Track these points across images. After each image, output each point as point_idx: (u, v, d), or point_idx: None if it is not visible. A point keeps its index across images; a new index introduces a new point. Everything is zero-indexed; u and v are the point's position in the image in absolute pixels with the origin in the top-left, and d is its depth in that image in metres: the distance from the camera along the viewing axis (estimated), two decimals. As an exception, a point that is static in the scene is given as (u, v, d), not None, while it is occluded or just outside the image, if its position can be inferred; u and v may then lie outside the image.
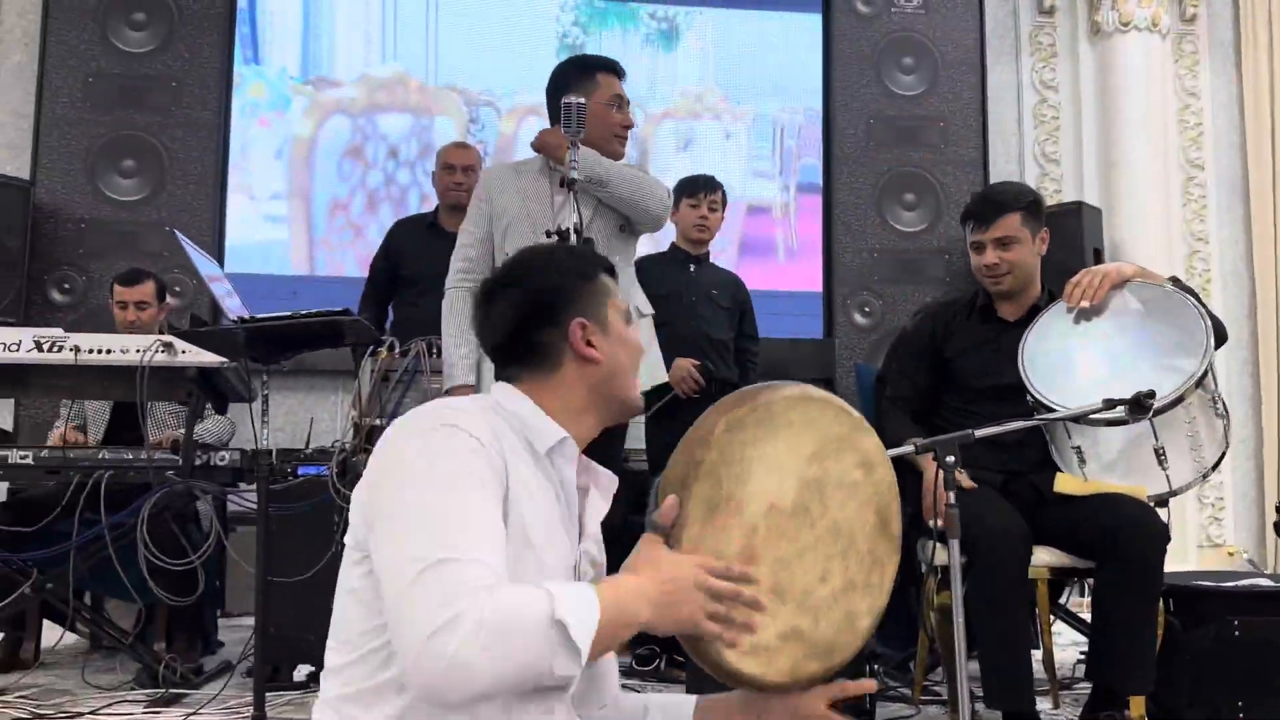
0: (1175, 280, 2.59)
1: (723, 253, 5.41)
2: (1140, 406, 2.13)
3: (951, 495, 2.06)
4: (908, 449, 2.05)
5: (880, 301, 5.52)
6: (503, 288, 1.33)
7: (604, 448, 2.17)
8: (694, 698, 1.35)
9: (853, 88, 5.65)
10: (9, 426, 4.81)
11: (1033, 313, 2.69)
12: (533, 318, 1.29)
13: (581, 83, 2.72)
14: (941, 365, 2.78)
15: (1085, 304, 2.48)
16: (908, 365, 2.87)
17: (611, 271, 1.38)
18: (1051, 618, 3.22)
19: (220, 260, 5.31)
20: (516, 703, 1.06)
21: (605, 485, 1.31)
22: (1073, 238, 5.09)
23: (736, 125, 5.71)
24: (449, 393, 2.68)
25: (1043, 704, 2.93)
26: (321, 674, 1.22)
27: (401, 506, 1.07)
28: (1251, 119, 5.84)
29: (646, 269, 3.43)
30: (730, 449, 1.14)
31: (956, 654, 2.06)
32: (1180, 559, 5.37)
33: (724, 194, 3.64)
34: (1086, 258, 5.08)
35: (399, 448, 1.14)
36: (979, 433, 2.08)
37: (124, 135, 5.22)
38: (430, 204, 4.35)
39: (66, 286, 5.12)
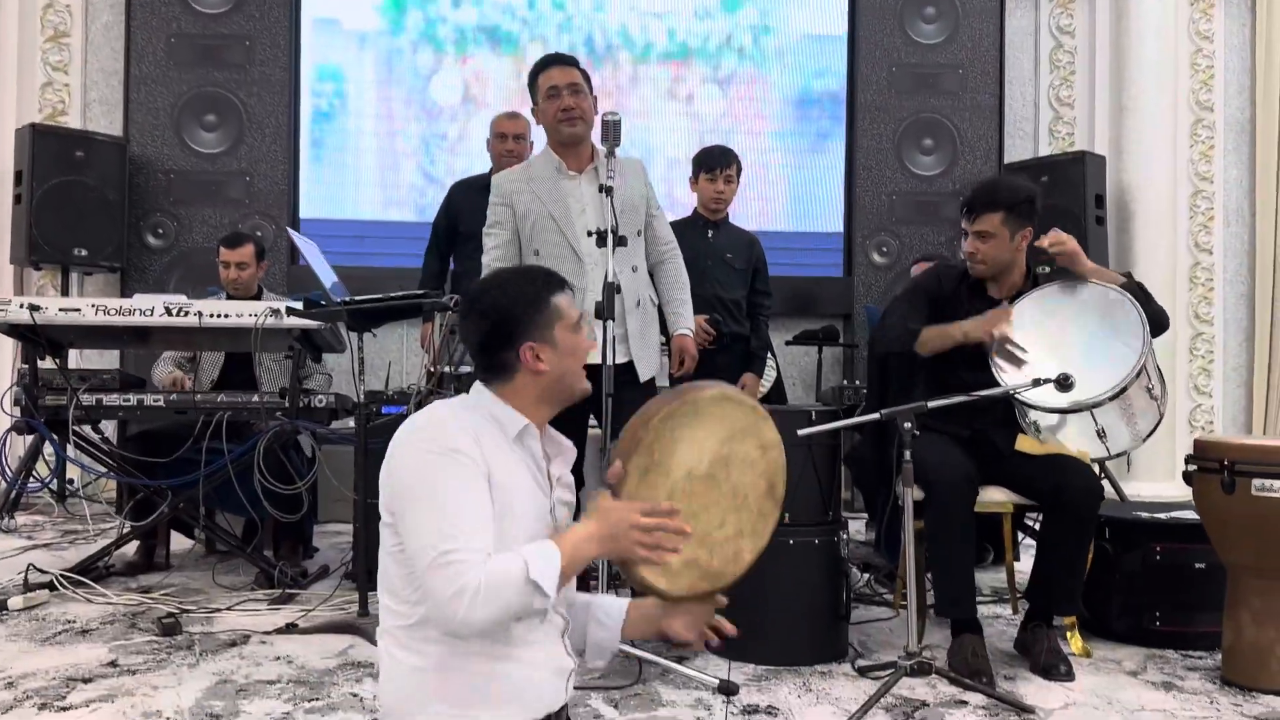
0: (1129, 276, 3.03)
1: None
2: (1062, 386, 2.65)
3: (908, 453, 2.62)
4: (874, 417, 2.60)
5: (897, 242, 5.96)
6: (468, 315, 1.71)
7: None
8: (627, 600, 1.80)
9: (876, 37, 5.99)
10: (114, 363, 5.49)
11: (1017, 295, 3.12)
12: (492, 341, 1.67)
13: (532, 89, 3.25)
14: (934, 320, 3.21)
15: (1045, 243, 2.95)
16: (909, 307, 3.24)
17: (565, 287, 1.73)
18: (1020, 535, 3.78)
19: (297, 204, 5.88)
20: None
21: (566, 453, 1.79)
22: (1075, 185, 5.47)
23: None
24: None
25: (1005, 610, 3.52)
26: (379, 608, 1.67)
27: (419, 512, 1.52)
28: (1263, 61, 6.10)
29: None
30: (663, 431, 1.61)
31: (908, 573, 2.66)
32: (1168, 475, 5.88)
33: (739, 164, 4.08)
34: (1089, 204, 5.48)
35: (409, 465, 1.56)
36: (931, 405, 2.62)
37: (205, 92, 5.75)
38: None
39: (160, 231, 5.73)
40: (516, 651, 1.57)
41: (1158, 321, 2.93)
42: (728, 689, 2.60)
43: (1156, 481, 5.75)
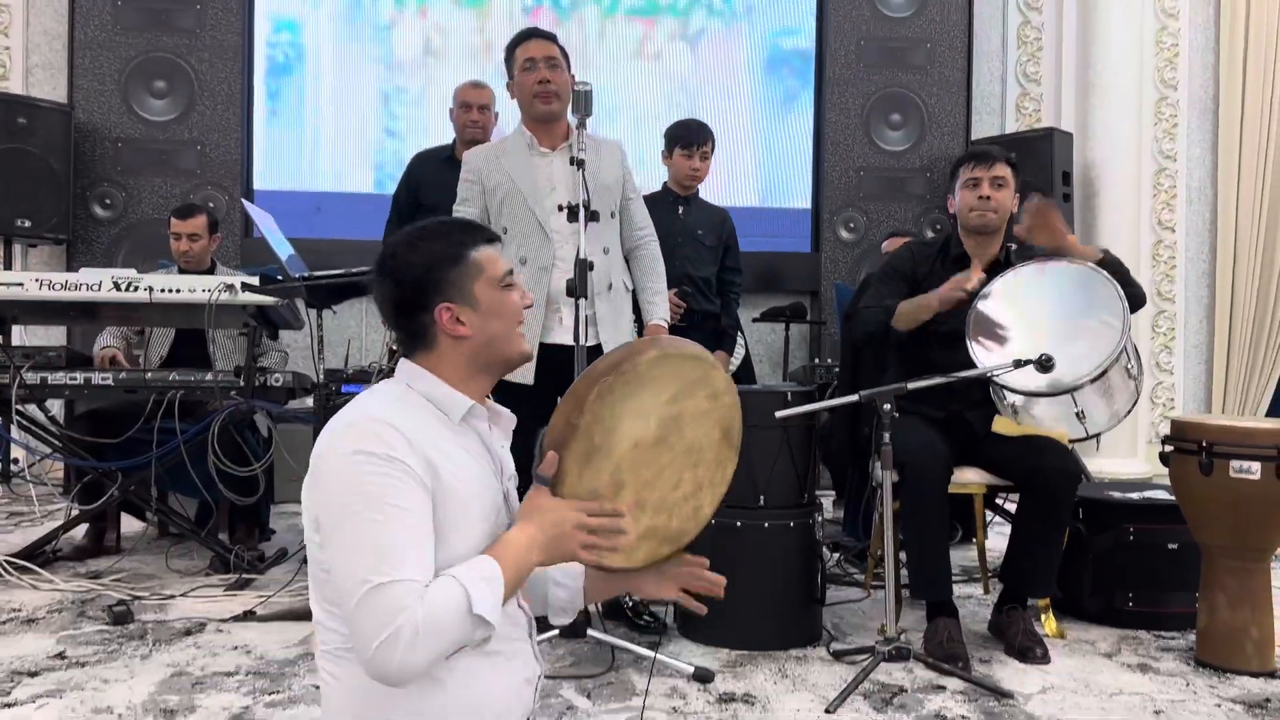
0: (1106, 252, 2.99)
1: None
2: (1043, 367, 2.61)
3: (887, 435, 2.57)
4: (853, 398, 2.54)
5: (865, 218, 5.91)
6: (379, 278, 1.50)
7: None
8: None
9: (844, 9, 5.91)
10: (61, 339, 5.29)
11: (995, 266, 3.07)
12: (405, 306, 1.48)
13: (509, 63, 3.14)
14: (912, 296, 3.15)
15: (1022, 231, 2.92)
16: (884, 288, 3.20)
17: (491, 240, 1.53)
18: (989, 514, 3.76)
19: (250, 174, 5.70)
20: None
21: (505, 424, 1.57)
22: (1044, 162, 5.45)
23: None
24: None
25: (976, 590, 3.50)
26: (315, 623, 1.46)
27: (344, 535, 1.32)
28: (1226, 40, 6.09)
29: None
30: (600, 410, 1.43)
31: (885, 556, 2.61)
32: (1130, 453, 5.93)
33: (714, 140, 3.99)
34: (1056, 181, 5.46)
35: (337, 474, 1.35)
36: (911, 386, 2.57)
37: (154, 57, 5.54)
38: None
39: (108, 202, 5.53)
40: (487, 661, 1.42)
41: (1135, 299, 2.89)
42: (703, 676, 2.56)
43: (1119, 458, 5.79)
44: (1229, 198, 6.09)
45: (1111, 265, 2.91)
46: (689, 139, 3.91)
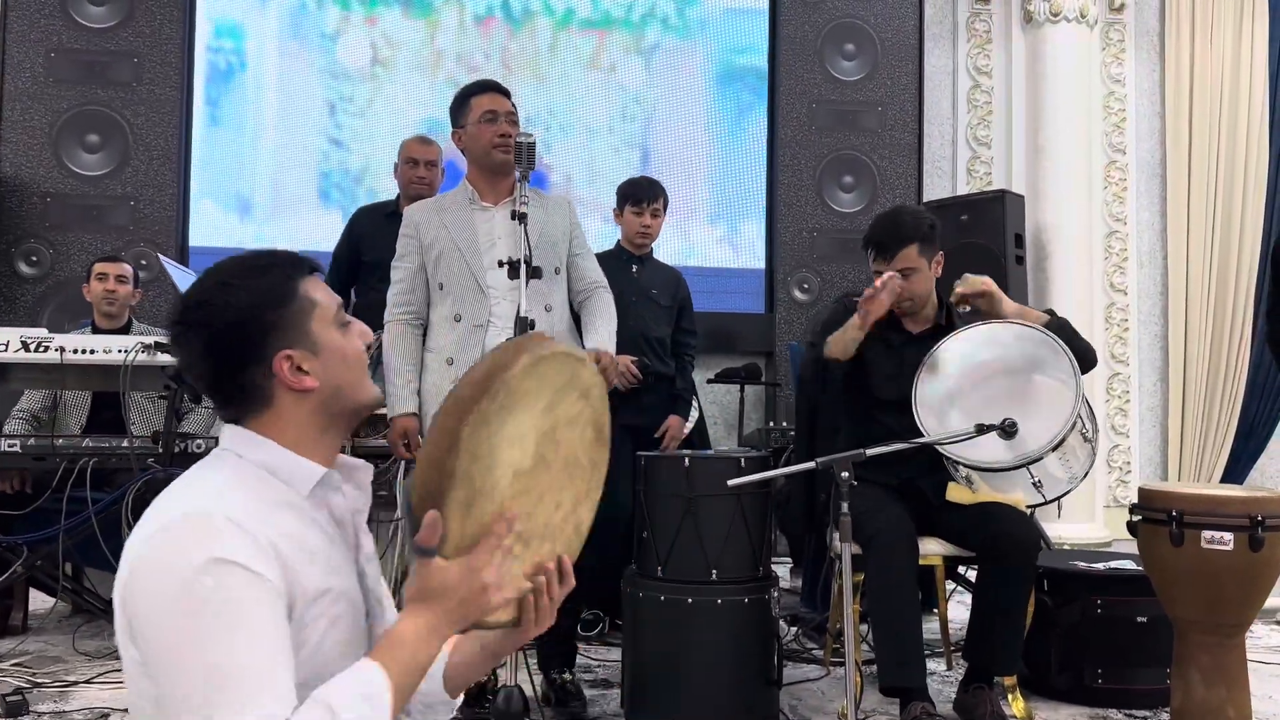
0: (1051, 313, 2.90)
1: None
2: (1007, 433, 2.48)
3: (845, 505, 2.41)
4: (809, 465, 2.39)
5: (818, 279, 5.84)
6: (185, 331, 1.22)
7: None
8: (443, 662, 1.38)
9: (796, 73, 5.90)
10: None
11: (934, 328, 2.98)
12: (227, 361, 1.21)
13: (460, 111, 3.00)
14: (855, 361, 2.99)
15: (960, 291, 2.82)
16: (815, 340, 3.09)
17: (315, 270, 1.30)
18: (950, 584, 3.62)
19: (186, 230, 5.51)
20: None
21: (362, 477, 1.32)
22: (996, 224, 5.40)
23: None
24: (392, 421, 2.85)
25: (939, 665, 3.34)
26: None
27: (182, 661, 1.07)
28: (1171, 105, 6.17)
29: None
30: (478, 445, 1.17)
31: (845, 633, 2.44)
32: (1088, 516, 5.85)
33: (666, 198, 3.90)
34: (1008, 243, 5.42)
35: (161, 590, 1.10)
36: (870, 452, 2.42)
37: (87, 111, 5.35)
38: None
39: (34, 259, 5.29)
40: None
41: (1085, 358, 2.79)
42: (650, 769, 2.36)
43: (1077, 523, 5.69)
44: (1179, 260, 6.12)
45: (1058, 326, 2.82)
46: (639, 196, 3.81)
